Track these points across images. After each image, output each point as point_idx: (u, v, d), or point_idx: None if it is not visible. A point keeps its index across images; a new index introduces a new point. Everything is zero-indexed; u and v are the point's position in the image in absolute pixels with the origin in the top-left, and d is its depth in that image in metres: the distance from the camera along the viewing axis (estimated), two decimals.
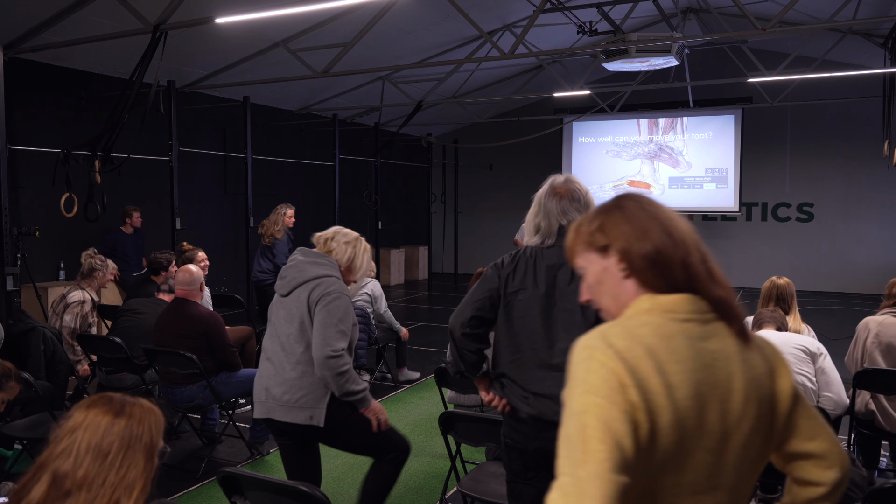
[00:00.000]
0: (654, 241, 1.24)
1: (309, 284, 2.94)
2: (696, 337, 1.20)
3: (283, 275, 3.05)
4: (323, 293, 2.90)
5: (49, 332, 5.04)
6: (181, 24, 5.65)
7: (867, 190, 12.33)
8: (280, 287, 3.04)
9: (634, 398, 1.11)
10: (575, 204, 2.40)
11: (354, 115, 12.14)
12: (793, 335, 3.43)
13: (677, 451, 1.15)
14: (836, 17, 7.03)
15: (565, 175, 2.49)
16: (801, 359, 3.27)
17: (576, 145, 13.81)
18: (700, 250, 1.26)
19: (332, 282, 2.96)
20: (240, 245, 9.72)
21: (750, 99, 12.29)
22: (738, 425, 1.20)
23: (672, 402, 1.13)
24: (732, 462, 1.20)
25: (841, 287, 12.27)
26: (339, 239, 3.11)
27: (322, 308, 2.88)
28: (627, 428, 1.09)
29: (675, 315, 1.21)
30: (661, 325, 1.20)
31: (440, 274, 15.12)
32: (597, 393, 1.12)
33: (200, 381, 4.35)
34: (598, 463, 1.06)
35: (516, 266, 2.40)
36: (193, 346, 4.29)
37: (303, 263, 3.02)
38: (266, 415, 2.98)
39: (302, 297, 2.93)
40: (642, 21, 10.35)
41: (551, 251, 2.38)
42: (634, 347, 1.16)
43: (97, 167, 5.97)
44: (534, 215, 2.46)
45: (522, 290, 2.37)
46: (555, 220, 2.38)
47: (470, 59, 8.47)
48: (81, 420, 1.54)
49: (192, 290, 4.47)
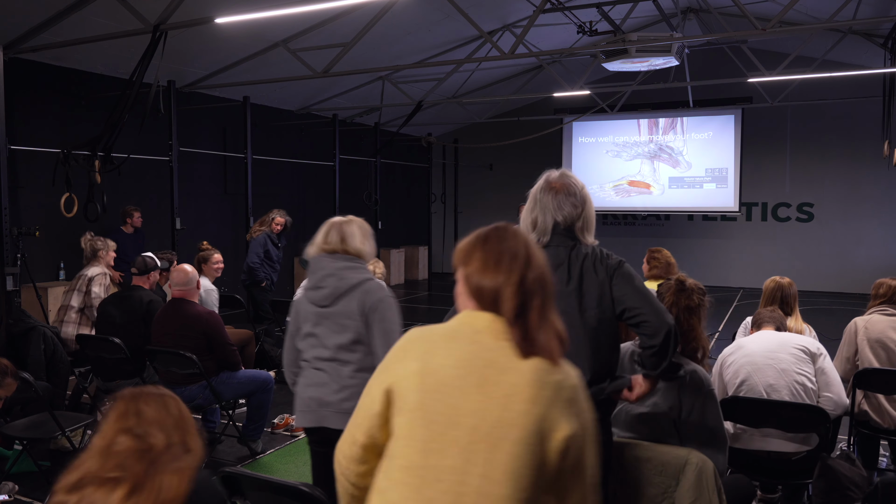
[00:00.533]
0: (485, 276, 1.53)
1: (354, 293, 2.82)
2: (479, 346, 1.48)
3: (320, 284, 2.86)
4: (375, 301, 2.82)
5: (49, 331, 5.04)
6: (181, 24, 5.65)
7: (867, 190, 12.33)
8: (320, 298, 2.86)
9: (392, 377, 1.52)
10: (571, 198, 2.38)
11: (354, 115, 12.14)
12: (792, 335, 3.43)
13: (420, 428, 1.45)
14: (836, 17, 7.02)
15: (560, 170, 2.48)
16: (801, 359, 3.27)
17: (576, 145, 13.81)
18: (535, 290, 1.51)
19: (375, 286, 2.87)
20: (240, 245, 9.72)
21: (750, 99, 12.29)
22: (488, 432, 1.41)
23: (421, 383, 1.47)
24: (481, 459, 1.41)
25: (841, 287, 12.27)
26: (355, 238, 2.94)
27: (378, 317, 2.81)
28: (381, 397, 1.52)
29: (471, 327, 1.52)
30: (455, 330, 1.53)
31: (440, 274, 15.12)
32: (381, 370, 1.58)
33: (200, 381, 4.35)
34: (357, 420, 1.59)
35: None
36: (193, 346, 4.29)
37: (339, 270, 2.87)
38: (317, 423, 2.84)
39: (351, 307, 2.81)
40: (642, 21, 10.35)
41: (547, 251, 2.34)
42: (421, 337, 1.55)
43: (97, 167, 5.96)
44: (529, 211, 2.44)
45: None
46: (550, 216, 2.37)
47: (470, 59, 8.47)
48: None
49: (188, 290, 4.47)
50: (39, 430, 4.01)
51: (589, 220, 2.42)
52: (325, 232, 2.95)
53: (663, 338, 2.25)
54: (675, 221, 13.80)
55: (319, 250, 2.94)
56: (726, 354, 3.44)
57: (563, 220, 2.37)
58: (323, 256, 2.92)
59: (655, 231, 13.87)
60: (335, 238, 2.92)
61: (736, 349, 3.40)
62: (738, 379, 3.29)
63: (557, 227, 2.37)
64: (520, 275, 1.51)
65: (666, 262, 4.62)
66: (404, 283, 14.17)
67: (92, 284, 5.40)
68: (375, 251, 3.05)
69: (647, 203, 13.35)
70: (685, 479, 2.41)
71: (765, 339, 3.37)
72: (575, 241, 2.38)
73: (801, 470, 3.19)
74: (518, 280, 1.51)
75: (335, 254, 2.90)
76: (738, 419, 3.22)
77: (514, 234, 1.59)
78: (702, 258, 13.09)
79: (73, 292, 5.43)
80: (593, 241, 2.42)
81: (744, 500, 2.93)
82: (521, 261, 1.53)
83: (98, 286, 5.41)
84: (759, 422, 3.18)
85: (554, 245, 2.37)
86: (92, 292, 5.37)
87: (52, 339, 5.03)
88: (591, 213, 2.44)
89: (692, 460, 2.41)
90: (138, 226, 7.82)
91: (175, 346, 4.30)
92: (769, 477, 3.25)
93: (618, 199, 13.48)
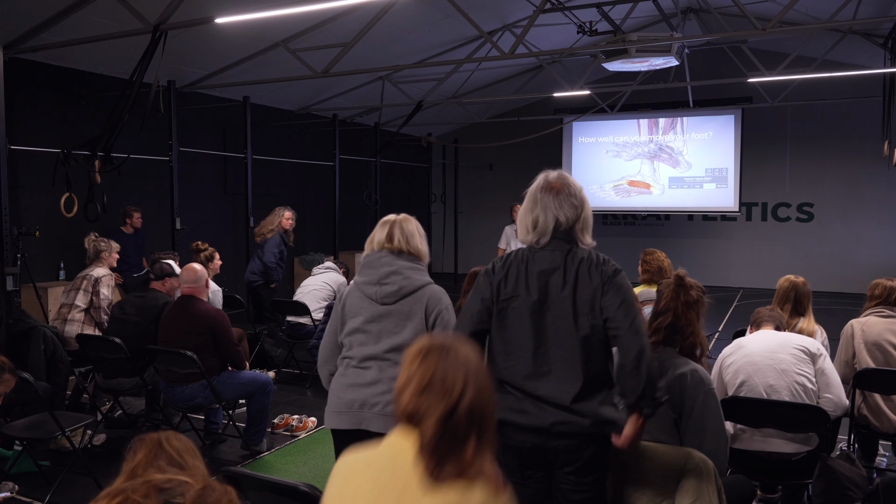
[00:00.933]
0: (411, 397, 1.47)
1: (420, 295, 2.81)
2: (395, 474, 1.45)
3: (385, 281, 2.80)
4: (442, 307, 2.83)
5: (49, 331, 5.05)
6: (181, 24, 5.65)
7: (867, 190, 12.32)
8: (383, 295, 2.80)
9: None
10: (571, 199, 2.36)
11: (354, 115, 12.13)
12: (792, 335, 3.42)
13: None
14: (836, 17, 7.03)
15: (558, 171, 2.46)
16: (801, 359, 3.27)
17: (576, 145, 13.81)
18: (463, 423, 1.43)
19: (440, 291, 2.88)
20: (240, 245, 9.72)
21: (750, 99, 12.29)
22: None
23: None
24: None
25: (841, 287, 12.26)
26: (416, 237, 2.89)
27: (442, 323, 2.81)
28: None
29: (391, 453, 1.50)
30: (376, 455, 1.53)
31: (440, 274, 15.12)
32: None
33: (201, 380, 4.37)
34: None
35: (507, 271, 2.37)
36: (199, 343, 4.34)
37: (404, 269, 2.83)
38: (355, 425, 2.77)
39: (417, 309, 2.80)
40: (642, 21, 10.35)
41: (543, 255, 2.34)
42: (345, 462, 1.59)
43: (97, 167, 5.96)
44: (528, 210, 2.40)
45: (515, 296, 2.33)
46: (551, 215, 2.35)
47: (470, 59, 8.47)
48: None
49: (197, 288, 4.55)
50: (39, 430, 4.01)
51: (587, 221, 2.40)
52: (387, 229, 2.88)
53: (634, 357, 2.19)
54: (675, 221, 13.80)
55: (381, 247, 2.87)
56: (726, 354, 3.44)
57: (566, 220, 2.35)
58: (385, 253, 2.85)
59: (655, 231, 13.87)
60: (400, 236, 2.86)
61: (736, 349, 3.40)
62: (738, 379, 3.29)
63: (559, 227, 2.34)
64: (447, 407, 1.41)
65: (657, 267, 4.60)
66: None
67: (100, 286, 5.42)
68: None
69: (647, 203, 13.34)
70: (685, 479, 2.41)
71: (765, 340, 3.37)
72: (572, 242, 2.35)
73: (801, 470, 3.19)
74: (444, 412, 1.41)
75: (400, 252, 2.85)
76: (739, 419, 3.22)
77: (459, 355, 1.49)
78: (702, 258, 13.08)
79: (77, 292, 5.43)
80: (591, 241, 2.41)
81: (744, 500, 2.93)
82: (454, 390, 1.42)
83: (106, 287, 5.45)
84: (759, 422, 3.18)
85: (550, 249, 2.35)
86: (101, 293, 5.40)
87: (52, 339, 5.03)
88: (590, 214, 2.42)
89: (692, 460, 2.41)
90: (138, 226, 7.82)
91: (182, 342, 4.34)
92: (769, 477, 3.25)
93: (618, 199, 13.48)
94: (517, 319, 2.33)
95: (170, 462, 1.51)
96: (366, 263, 2.89)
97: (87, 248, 5.71)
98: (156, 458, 1.51)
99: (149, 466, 1.49)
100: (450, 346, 1.51)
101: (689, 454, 2.43)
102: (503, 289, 2.35)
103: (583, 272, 2.29)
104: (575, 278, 2.29)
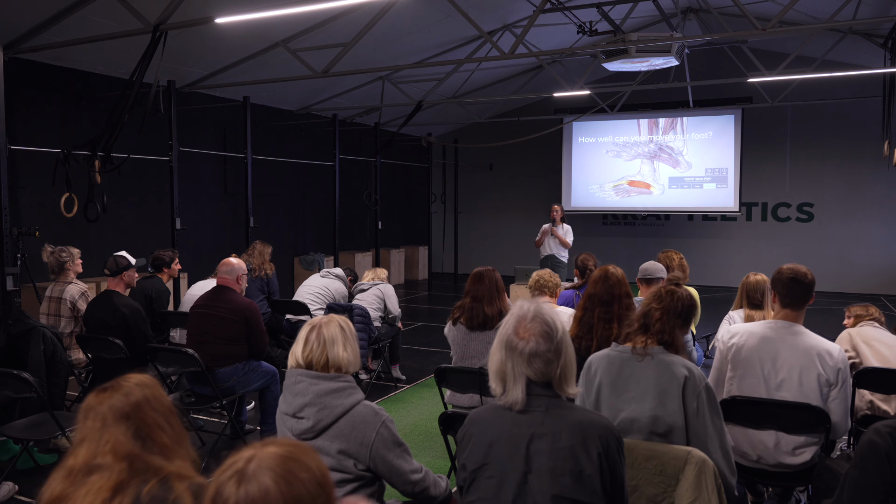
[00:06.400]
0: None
1: (343, 426, 2.40)
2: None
3: (300, 413, 2.41)
4: (375, 442, 2.44)
5: (49, 332, 5.04)
6: (181, 24, 5.65)
7: (867, 190, 12.33)
8: (300, 433, 2.41)
9: None
10: (545, 347, 1.96)
11: (354, 115, 12.14)
12: (823, 355, 3.12)
13: None
14: (836, 17, 7.03)
15: (535, 305, 2.03)
16: (821, 384, 3.11)
17: (576, 145, 13.81)
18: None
19: (366, 415, 2.46)
20: (240, 245, 9.72)
21: (750, 99, 12.30)
22: None
23: None
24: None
25: (841, 287, 12.27)
26: (336, 344, 2.47)
27: (385, 465, 2.48)
28: None
29: None
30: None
31: (440, 274, 15.13)
32: None
33: (236, 363, 4.61)
34: None
35: None
36: (234, 331, 4.59)
37: (321, 396, 2.41)
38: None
39: (346, 447, 2.40)
40: (642, 21, 10.36)
41: (522, 417, 1.98)
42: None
43: (97, 167, 5.97)
44: (497, 351, 2.04)
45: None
46: (521, 371, 1.99)
47: (470, 59, 8.46)
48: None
49: (231, 279, 4.83)
50: (39, 430, 4.01)
51: (568, 369, 2.00)
52: (304, 335, 2.48)
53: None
54: (675, 221, 13.81)
55: (296, 363, 2.49)
56: (739, 343, 3.25)
57: (536, 376, 1.96)
58: (300, 374, 2.45)
59: (655, 231, 13.87)
60: (316, 344, 2.45)
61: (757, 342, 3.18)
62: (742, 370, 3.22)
63: (532, 385, 1.97)
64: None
65: (667, 266, 4.93)
66: (404, 283, 14.18)
67: (77, 305, 5.29)
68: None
69: (647, 203, 13.35)
70: (685, 478, 2.41)
71: (793, 348, 3.13)
72: (553, 395, 1.98)
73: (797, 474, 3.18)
74: None
75: (315, 368, 2.45)
76: (739, 419, 3.21)
77: (312, 480, 1.21)
78: (702, 258, 13.09)
79: (59, 318, 5.30)
80: (575, 390, 2.03)
81: (739, 499, 2.93)
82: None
83: (83, 303, 5.29)
84: (758, 422, 3.17)
85: (530, 410, 1.97)
86: (80, 311, 5.27)
87: (52, 339, 5.02)
88: (572, 360, 2.01)
89: (692, 460, 2.41)
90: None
91: (220, 328, 4.59)
92: (769, 478, 3.25)
93: (618, 199, 13.48)
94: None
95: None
96: (285, 386, 2.49)
97: (48, 261, 5.39)
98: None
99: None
100: (305, 462, 1.22)
101: (689, 453, 2.43)
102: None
103: (564, 447, 1.94)
104: (550, 452, 1.95)
